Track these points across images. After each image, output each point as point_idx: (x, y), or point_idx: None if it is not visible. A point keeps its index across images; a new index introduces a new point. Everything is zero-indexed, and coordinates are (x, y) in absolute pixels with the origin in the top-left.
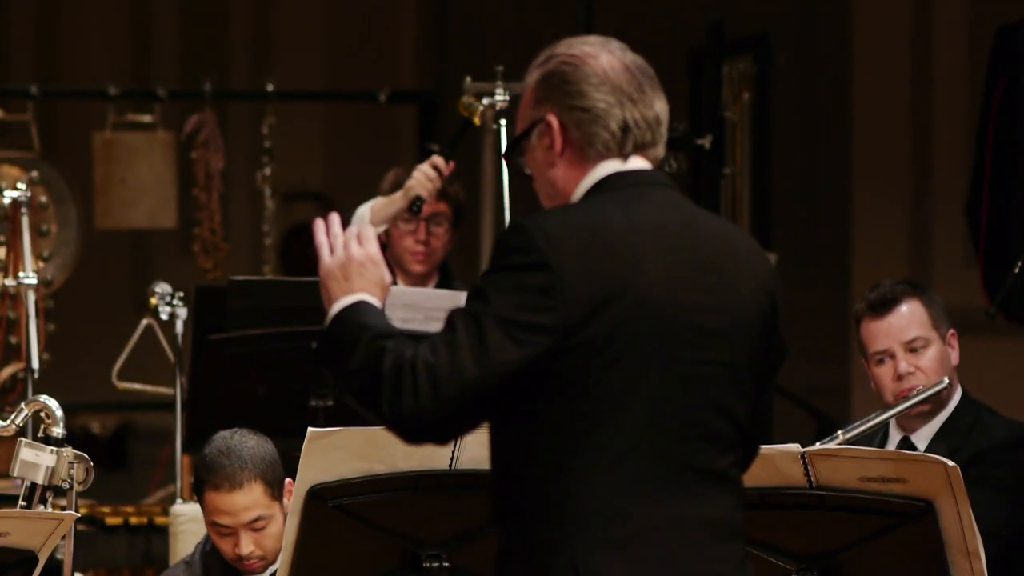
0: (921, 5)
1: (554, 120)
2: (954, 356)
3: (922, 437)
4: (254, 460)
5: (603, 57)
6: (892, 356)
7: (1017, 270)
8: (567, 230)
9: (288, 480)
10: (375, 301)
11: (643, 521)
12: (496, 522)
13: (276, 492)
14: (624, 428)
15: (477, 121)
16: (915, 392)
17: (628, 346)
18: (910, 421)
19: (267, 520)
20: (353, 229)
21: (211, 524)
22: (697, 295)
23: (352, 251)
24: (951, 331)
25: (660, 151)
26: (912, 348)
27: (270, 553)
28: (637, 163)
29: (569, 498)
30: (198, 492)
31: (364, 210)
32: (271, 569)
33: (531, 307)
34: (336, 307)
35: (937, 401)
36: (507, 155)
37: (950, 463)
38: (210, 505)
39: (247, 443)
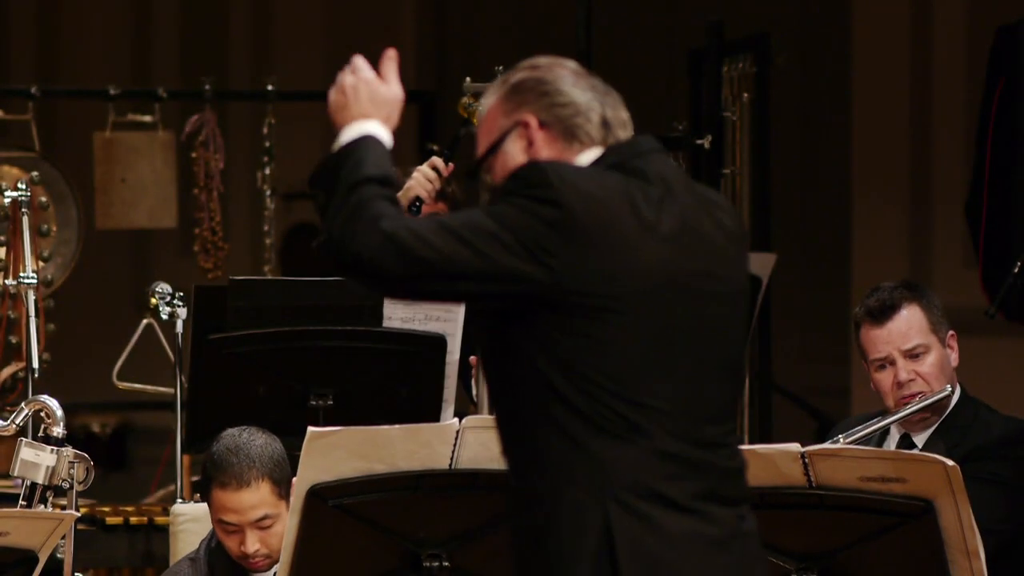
0: (921, 5)
1: (532, 120)
2: (953, 358)
3: (920, 436)
4: (262, 459)
5: (568, 65)
6: (892, 363)
7: (1017, 270)
8: (580, 178)
9: (295, 480)
10: (383, 131)
11: (667, 485)
12: (514, 480)
13: (283, 491)
14: (633, 391)
15: (477, 122)
16: (916, 399)
17: (643, 303)
18: (911, 424)
19: (273, 519)
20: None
21: (218, 521)
22: (700, 261)
23: (363, 73)
24: (950, 333)
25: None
26: (912, 355)
27: (275, 552)
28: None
29: (595, 462)
30: (205, 489)
31: None
32: (276, 568)
33: (537, 233)
34: (344, 136)
35: (938, 408)
36: (472, 172)
37: (950, 463)
38: (217, 503)
39: (255, 441)
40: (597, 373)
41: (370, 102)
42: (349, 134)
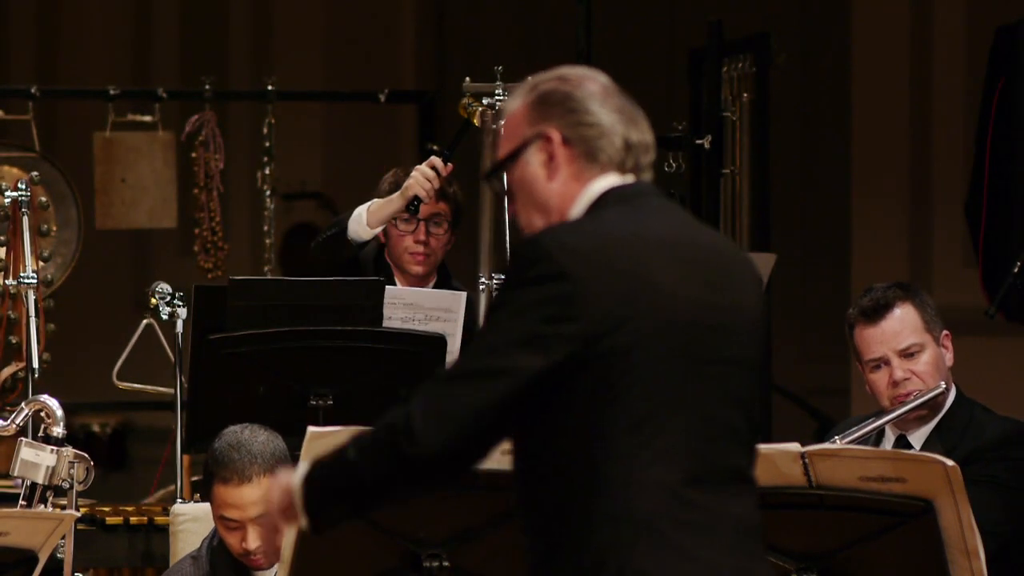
0: (921, 5)
1: (556, 135)
2: (948, 357)
3: (917, 436)
4: (264, 455)
5: (599, 79)
6: (887, 363)
7: (1016, 269)
8: (579, 239)
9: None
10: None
11: (682, 522)
12: (528, 533)
13: None
14: (657, 432)
15: (477, 122)
16: (911, 397)
17: (651, 351)
18: (907, 422)
19: None
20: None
21: (219, 518)
22: (709, 295)
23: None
24: (944, 332)
25: (649, 175)
26: (907, 354)
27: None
28: (632, 180)
29: (609, 503)
30: (207, 485)
31: (361, 211)
32: (277, 566)
33: (554, 318)
34: (296, 486)
35: (933, 405)
36: (488, 176)
37: (949, 462)
38: (218, 499)
39: (258, 438)
40: (608, 422)
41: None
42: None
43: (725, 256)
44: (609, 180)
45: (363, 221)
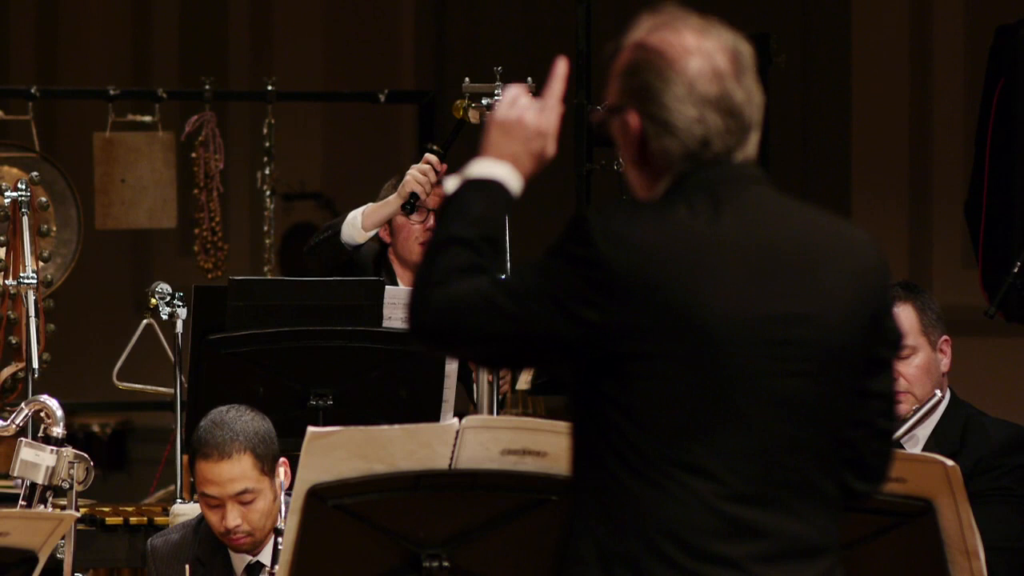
0: (921, 5)
1: (635, 121)
2: (944, 363)
3: (913, 442)
4: (246, 433)
5: (697, 59)
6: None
7: (1016, 269)
8: (632, 227)
9: (283, 460)
10: (513, 180)
11: (733, 533)
12: (574, 534)
13: (267, 467)
14: (715, 447)
15: (472, 119)
16: (911, 412)
17: (715, 364)
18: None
19: (255, 494)
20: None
21: (201, 495)
22: (776, 304)
23: (526, 116)
24: (944, 338)
25: (750, 149)
26: (900, 356)
27: (258, 530)
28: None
29: (661, 507)
30: (191, 465)
31: (356, 214)
32: (262, 551)
33: (581, 298)
34: (473, 172)
35: (927, 412)
36: (600, 122)
37: (949, 463)
38: (199, 475)
39: (241, 417)
40: (652, 425)
41: (515, 142)
42: (473, 171)
43: (819, 247)
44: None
45: (358, 224)
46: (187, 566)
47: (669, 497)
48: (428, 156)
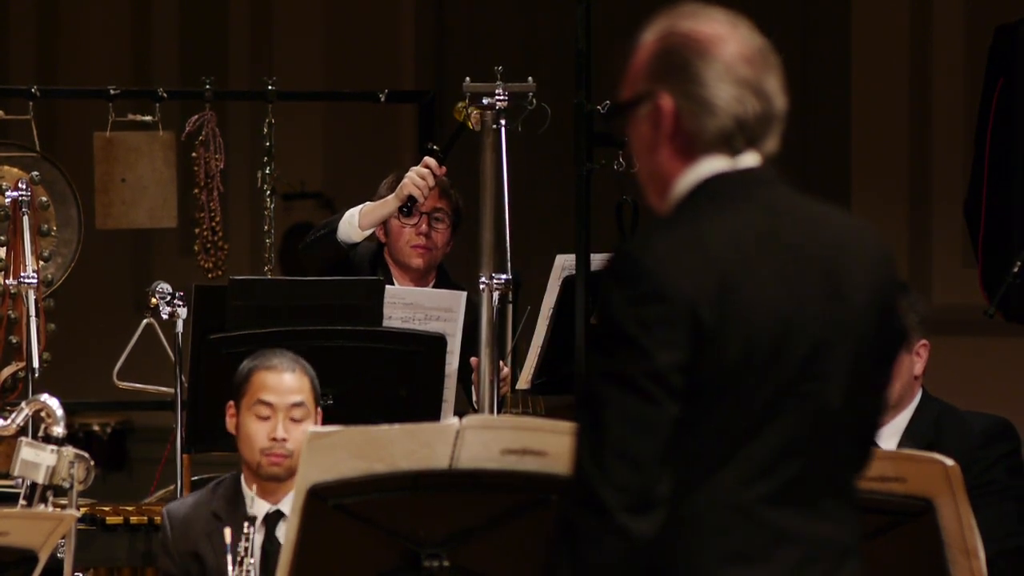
0: (920, 5)
1: (667, 103)
2: (918, 366)
3: (885, 437)
4: (303, 363)
5: (731, 44)
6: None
7: (1016, 269)
8: (675, 253)
9: (319, 410)
10: None
11: (769, 539)
12: None
13: (316, 400)
14: (748, 452)
15: (472, 125)
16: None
17: (746, 371)
18: None
19: (305, 415)
20: None
21: (253, 407)
22: (809, 308)
23: None
24: (922, 342)
25: (772, 144)
26: None
27: (294, 453)
28: (745, 160)
29: (694, 516)
30: (241, 386)
31: (353, 212)
32: (283, 499)
33: (658, 344)
34: None
35: (898, 405)
36: (609, 117)
37: (949, 462)
38: (256, 384)
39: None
40: (693, 430)
41: None
42: None
43: (839, 247)
44: (714, 164)
45: (355, 223)
46: (227, 529)
47: (703, 503)
48: (427, 160)
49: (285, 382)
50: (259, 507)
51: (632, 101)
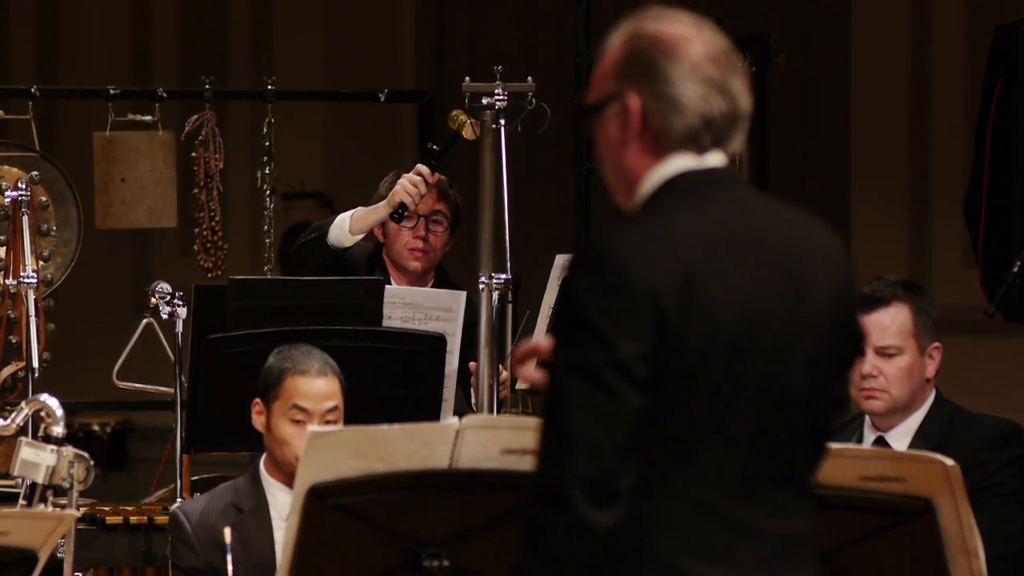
0: (920, 5)
1: (634, 102)
2: (930, 369)
3: (896, 438)
4: (332, 364)
5: (696, 44)
6: (862, 353)
7: (1016, 269)
8: (640, 245)
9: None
10: None
11: (731, 533)
12: None
13: (344, 399)
14: (709, 446)
15: (466, 135)
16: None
17: (708, 365)
18: (881, 420)
19: (338, 416)
20: None
21: (290, 410)
22: (771, 304)
23: None
24: (935, 344)
25: (738, 145)
26: (884, 353)
27: None
28: (711, 159)
29: (656, 511)
30: (272, 387)
31: (344, 217)
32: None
33: (622, 334)
34: None
35: (905, 408)
36: (575, 118)
37: (949, 462)
38: (291, 390)
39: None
40: (652, 428)
41: None
42: None
43: (801, 247)
44: (681, 161)
45: (346, 228)
46: (227, 528)
47: (665, 499)
48: (419, 167)
49: (320, 388)
50: (281, 495)
51: (600, 102)
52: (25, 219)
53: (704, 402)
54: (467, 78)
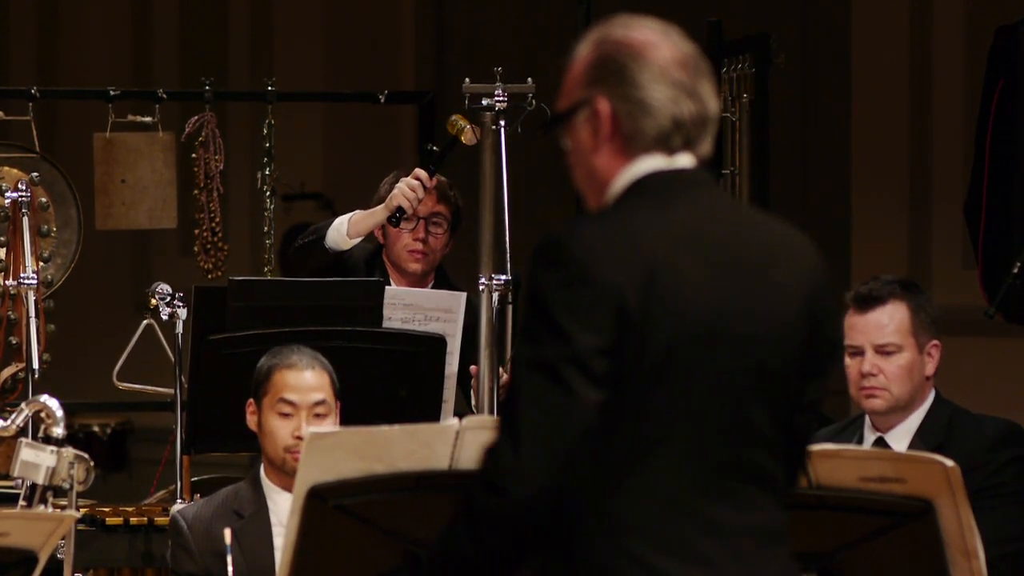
0: (920, 5)
1: (604, 107)
2: (930, 367)
3: (896, 438)
4: (323, 360)
5: (664, 49)
6: (862, 353)
7: (1016, 270)
8: (604, 240)
9: (339, 403)
10: None
11: (699, 529)
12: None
13: (335, 395)
14: (676, 443)
15: (465, 140)
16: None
17: (672, 361)
18: (881, 420)
19: (327, 411)
20: None
21: (275, 405)
22: (736, 302)
23: None
24: (934, 342)
25: (707, 148)
26: (883, 351)
27: None
28: (681, 160)
29: (626, 509)
30: (262, 384)
31: (342, 220)
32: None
33: (582, 327)
34: None
35: (904, 408)
36: (547, 128)
37: (949, 463)
38: (278, 383)
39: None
40: (617, 424)
41: None
42: None
43: (771, 249)
44: (651, 162)
45: (343, 232)
46: (227, 529)
47: (634, 496)
48: (417, 171)
49: (306, 380)
50: (281, 500)
51: (570, 109)
52: (25, 220)
53: (668, 399)
54: (467, 79)
